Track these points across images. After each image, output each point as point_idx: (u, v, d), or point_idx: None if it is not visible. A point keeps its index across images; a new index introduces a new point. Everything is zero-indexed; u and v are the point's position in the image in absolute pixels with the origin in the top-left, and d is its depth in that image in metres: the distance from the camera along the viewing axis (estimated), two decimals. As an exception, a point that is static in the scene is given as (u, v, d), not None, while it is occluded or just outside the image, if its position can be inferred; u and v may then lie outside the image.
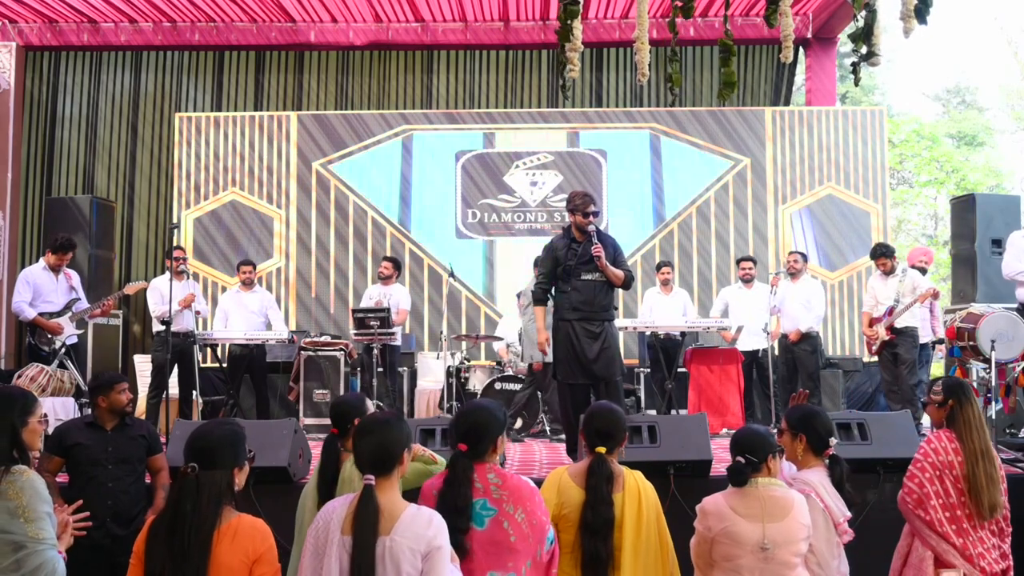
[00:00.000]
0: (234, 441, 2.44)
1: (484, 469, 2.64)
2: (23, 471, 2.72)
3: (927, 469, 3.29)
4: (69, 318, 6.25)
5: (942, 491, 3.25)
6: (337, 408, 3.27)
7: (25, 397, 2.89)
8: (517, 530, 2.58)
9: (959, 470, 3.24)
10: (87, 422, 3.94)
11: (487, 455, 2.69)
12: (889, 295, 6.69)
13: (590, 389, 5.13)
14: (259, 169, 9.58)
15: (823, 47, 10.16)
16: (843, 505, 3.03)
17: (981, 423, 3.30)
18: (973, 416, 3.29)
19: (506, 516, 2.58)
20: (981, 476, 3.20)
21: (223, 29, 9.90)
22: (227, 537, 2.29)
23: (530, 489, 2.67)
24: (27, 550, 2.62)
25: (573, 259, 5.10)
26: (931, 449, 3.32)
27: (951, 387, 3.40)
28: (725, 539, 2.78)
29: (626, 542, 2.82)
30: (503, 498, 2.60)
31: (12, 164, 9.07)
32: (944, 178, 17.54)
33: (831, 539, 2.99)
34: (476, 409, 2.79)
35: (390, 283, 7.81)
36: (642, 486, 2.93)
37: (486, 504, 2.59)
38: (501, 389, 7.00)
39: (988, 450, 3.26)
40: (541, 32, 9.94)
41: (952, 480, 3.25)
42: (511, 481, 2.65)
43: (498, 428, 2.72)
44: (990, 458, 3.24)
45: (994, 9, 28.81)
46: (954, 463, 3.26)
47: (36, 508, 2.67)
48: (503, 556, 2.56)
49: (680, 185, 9.59)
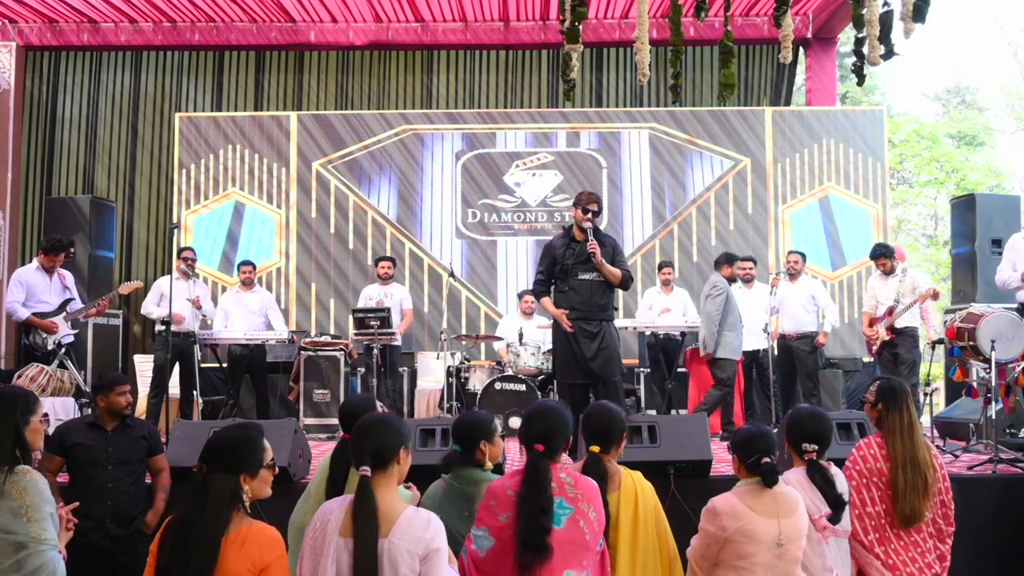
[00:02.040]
0: (244, 447, 2.37)
1: (556, 469, 2.66)
2: (26, 471, 2.72)
3: (853, 477, 3.25)
4: (64, 318, 6.24)
5: (868, 499, 3.21)
6: (347, 411, 3.27)
7: (27, 396, 2.89)
8: (590, 528, 2.60)
9: (887, 476, 3.20)
10: (88, 422, 3.94)
11: (558, 454, 2.71)
12: (889, 295, 6.70)
13: (589, 389, 5.13)
14: (259, 169, 9.58)
15: (823, 47, 10.16)
16: (822, 503, 3.03)
17: (911, 430, 3.23)
18: (900, 423, 3.23)
19: (581, 515, 2.60)
20: (900, 484, 3.15)
21: (223, 29, 9.90)
22: (235, 544, 2.24)
23: (596, 487, 2.69)
24: (29, 550, 2.62)
25: (571, 258, 5.10)
26: (859, 456, 3.29)
27: (883, 390, 3.34)
28: (742, 537, 2.78)
29: (622, 542, 2.82)
30: (578, 496, 2.62)
31: (12, 164, 9.06)
32: (944, 178, 17.54)
33: (812, 535, 3.00)
34: (547, 410, 2.81)
35: (389, 283, 7.81)
36: (639, 486, 2.93)
37: (562, 503, 2.60)
38: (501, 389, 7.00)
39: (914, 458, 3.18)
40: (541, 32, 9.94)
41: (879, 487, 3.21)
42: (582, 480, 2.68)
43: (569, 427, 2.76)
44: (915, 465, 3.17)
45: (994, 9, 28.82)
46: (882, 469, 3.21)
47: (39, 508, 2.67)
48: (579, 554, 2.58)
49: (680, 185, 9.60)
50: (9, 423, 2.74)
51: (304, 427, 6.29)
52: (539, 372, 7.18)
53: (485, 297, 9.49)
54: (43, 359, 5.98)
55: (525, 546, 2.50)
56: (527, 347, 7.26)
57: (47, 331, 6.12)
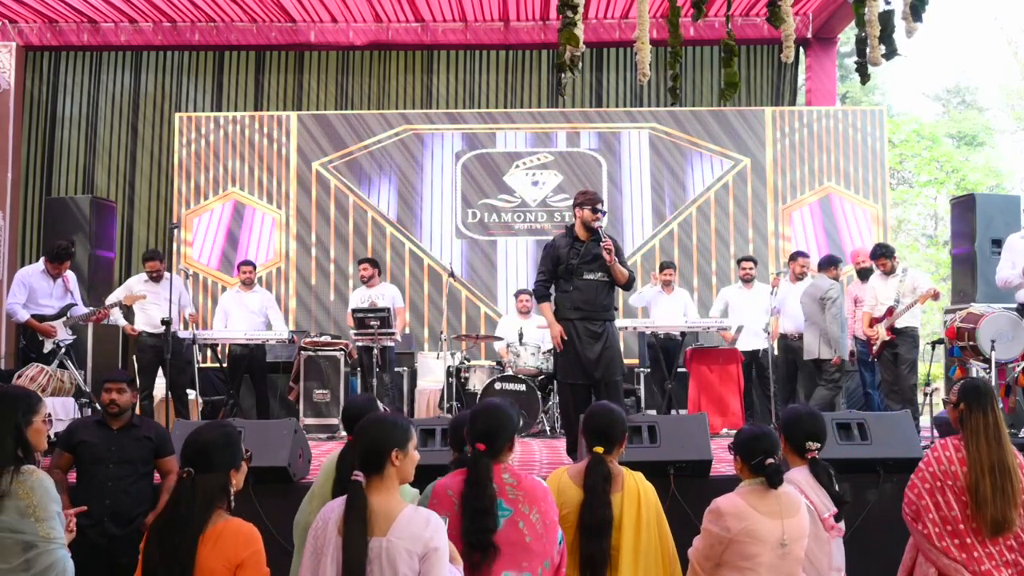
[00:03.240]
0: (227, 443, 2.44)
1: (499, 469, 2.64)
2: (32, 471, 2.72)
3: (927, 479, 3.10)
4: (63, 323, 6.23)
5: (942, 503, 3.05)
6: (349, 412, 3.26)
7: (29, 397, 2.88)
8: (532, 530, 2.57)
9: (963, 481, 3.01)
10: (96, 420, 3.94)
11: (503, 454, 2.69)
12: (889, 295, 6.69)
13: (591, 389, 5.12)
14: (259, 169, 9.58)
15: (823, 47, 10.16)
16: (829, 501, 3.03)
17: (996, 433, 3.03)
18: (983, 425, 3.05)
19: (521, 516, 2.58)
20: (987, 489, 2.95)
21: (223, 29, 9.90)
22: (211, 540, 2.28)
23: (543, 489, 2.67)
24: (38, 549, 2.63)
25: (575, 258, 5.08)
26: (933, 458, 3.13)
27: (966, 390, 3.15)
28: (746, 538, 2.77)
29: (625, 543, 2.81)
30: (519, 498, 2.60)
31: (12, 164, 9.06)
32: (944, 178, 17.54)
33: (819, 535, 3.00)
34: (492, 408, 2.78)
35: (374, 284, 7.73)
36: (642, 487, 2.92)
37: (502, 504, 2.58)
38: (501, 389, 6.99)
39: (1002, 462, 2.99)
40: (541, 32, 9.94)
41: (955, 491, 3.03)
42: (526, 481, 2.65)
43: (514, 427, 2.74)
44: (1003, 471, 2.97)
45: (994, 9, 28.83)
46: (957, 473, 3.03)
47: (47, 507, 2.67)
48: (517, 556, 2.55)
49: (680, 185, 9.60)
50: (10, 423, 2.74)
51: (304, 427, 6.29)
52: (539, 372, 7.18)
53: (485, 297, 9.49)
54: (40, 360, 5.97)
55: (471, 546, 2.49)
56: (527, 347, 7.26)
57: (45, 335, 6.12)
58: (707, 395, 7.17)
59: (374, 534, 2.23)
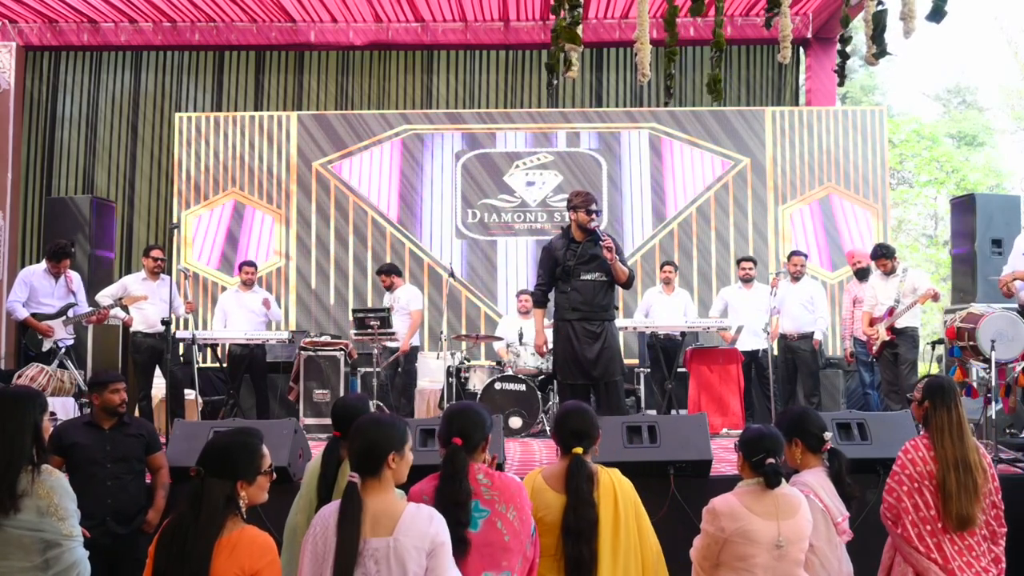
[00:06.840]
0: (243, 451, 2.34)
1: (474, 469, 2.62)
2: (51, 470, 2.75)
3: (904, 482, 3.14)
4: (63, 322, 6.23)
5: (921, 503, 3.10)
6: (339, 409, 3.25)
7: (40, 396, 2.91)
8: (510, 529, 2.56)
9: (937, 478, 3.08)
10: (85, 421, 3.93)
11: (477, 452, 2.67)
12: (889, 295, 6.69)
13: (590, 389, 5.13)
14: (259, 169, 9.58)
15: (823, 47, 10.15)
16: (841, 505, 3.03)
17: (959, 431, 3.10)
18: (948, 423, 3.11)
19: (499, 516, 2.56)
20: (952, 486, 3.03)
21: (223, 29, 9.90)
22: (226, 549, 2.23)
23: (517, 485, 2.65)
24: (61, 548, 2.65)
25: (573, 259, 5.09)
26: (908, 460, 3.17)
27: (930, 388, 3.21)
28: (740, 538, 2.77)
29: (603, 542, 2.75)
30: (495, 498, 2.58)
31: (12, 164, 9.07)
32: (944, 178, 17.53)
33: (832, 539, 2.99)
34: (466, 409, 2.78)
35: (396, 287, 7.78)
36: (618, 484, 2.86)
37: (478, 505, 2.56)
38: (501, 389, 7.00)
39: (964, 459, 3.07)
40: (541, 32, 9.94)
41: (931, 491, 3.09)
42: (499, 480, 2.63)
43: (488, 427, 2.72)
44: (966, 467, 3.05)
45: (994, 9, 28.80)
46: (932, 471, 3.09)
47: (66, 506, 2.70)
48: (497, 556, 2.53)
49: (680, 185, 9.60)
50: (29, 422, 2.75)
51: (304, 427, 6.28)
52: (539, 372, 7.17)
53: (485, 297, 9.49)
54: (39, 359, 5.98)
55: None
56: (527, 347, 7.25)
57: (43, 334, 6.13)
58: (707, 395, 7.16)
59: (379, 534, 2.23)
